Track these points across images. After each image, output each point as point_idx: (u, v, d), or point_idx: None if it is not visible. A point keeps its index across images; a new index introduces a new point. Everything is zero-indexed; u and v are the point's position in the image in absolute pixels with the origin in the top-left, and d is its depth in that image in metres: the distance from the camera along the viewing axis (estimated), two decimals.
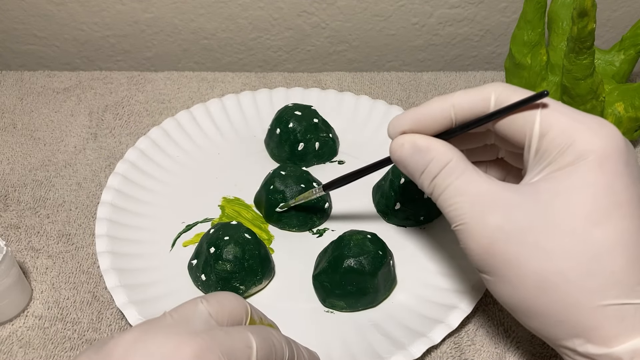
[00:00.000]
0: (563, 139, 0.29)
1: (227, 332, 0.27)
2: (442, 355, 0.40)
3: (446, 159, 0.31)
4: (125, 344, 0.26)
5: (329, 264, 0.40)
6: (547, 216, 0.29)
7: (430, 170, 0.32)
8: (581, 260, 0.28)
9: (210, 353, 0.25)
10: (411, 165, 0.33)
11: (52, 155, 0.52)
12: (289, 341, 0.31)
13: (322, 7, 0.61)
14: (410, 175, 0.33)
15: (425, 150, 0.32)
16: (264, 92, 0.55)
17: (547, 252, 0.28)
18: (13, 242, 0.45)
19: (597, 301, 0.28)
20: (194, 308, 0.28)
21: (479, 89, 0.32)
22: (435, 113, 0.32)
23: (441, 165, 0.31)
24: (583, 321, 0.28)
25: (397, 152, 0.33)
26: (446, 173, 0.31)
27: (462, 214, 0.30)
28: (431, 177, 0.32)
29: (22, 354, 0.39)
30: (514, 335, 0.41)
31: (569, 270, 0.28)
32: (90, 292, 0.43)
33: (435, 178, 0.31)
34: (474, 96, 0.32)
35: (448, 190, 0.31)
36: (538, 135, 0.30)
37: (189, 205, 0.47)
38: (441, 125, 0.33)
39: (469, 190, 0.30)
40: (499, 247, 0.29)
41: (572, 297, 0.28)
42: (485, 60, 0.67)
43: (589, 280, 0.28)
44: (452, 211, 0.31)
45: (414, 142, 0.32)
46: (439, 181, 0.31)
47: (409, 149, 0.32)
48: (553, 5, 0.53)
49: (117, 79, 0.59)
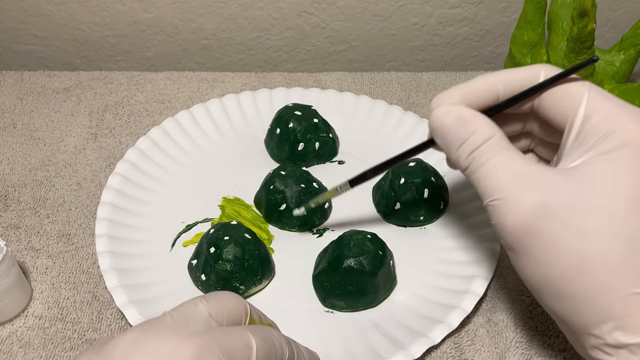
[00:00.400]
0: (607, 125, 0.29)
1: (227, 332, 0.27)
2: (442, 355, 0.40)
3: (489, 134, 0.31)
4: (125, 344, 0.26)
5: (329, 264, 0.40)
6: (589, 198, 0.28)
7: (471, 143, 0.31)
8: (621, 245, 0.28)
9: (210, 353, 0.25)
10: (451, 134, 0.32)
11: (52, 155, 0.52)
12: (289, 341, 0.31)
13: (322, 7, 0.61)
14: (447, 146, 0.32)
15: (469, 121, 0.31)
16: (264, 92, 0.55)
17: (588, 233, 0.28)
18: (13, 242, 0.45)
19: (632, 288, 0.28)
20: (193, 308, 0.28)
21: (527, 67, 0.32)
22: (482, 87, 0.32)
23: (483, 139, 0.31)
24: (615, 307, 0.28)
25: (440, 119, 0.32)
26: (487, 147, 0.30)
27: (502, 188, 0.30)
28: (471, 149, 0.31)
29: (22, 354, 0.39)
30: (514, 335, 0.41)
31: (608, 253, 0.28)
32: (90, 292, 0.43)
33: (475, 150, 0.31)
34: (522, 72, 0.32)
35: (488, 164, 0.30)
36: (582, 118, 0.30)
37: (189, 205, 0.47)
38: (487, 100, 0.32)
39: (510, 166, 0.30)
40: (539, 225, 0.29)
41: (608, 281, 0.28)
42: (485, 60, 0.67)
43: (626, 266, 0.28)
44: (489, 185, 0.30)
45: (459, 112, 0.31)
46: (479, 154, 0.31)
47: (453, 118, 0.31)
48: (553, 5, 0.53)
49: (117, 79, 0.59)
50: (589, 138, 0.29)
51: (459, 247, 0.45)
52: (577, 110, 0.30)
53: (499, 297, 0.43)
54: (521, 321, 0.42)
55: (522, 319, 0.42)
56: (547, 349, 0.40)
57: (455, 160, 0.32)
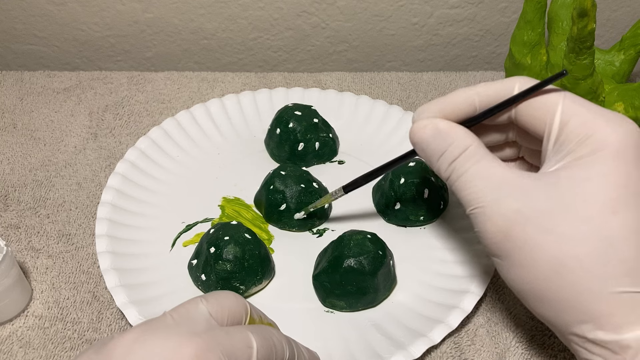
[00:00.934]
0: (583, 130, 0.30)
1: (228, 332, 0.27)
2: (442, 355, 0.40)
3: (466, 144, 0.32)
4: (125, 344, 0.26)
5: (329, 264, 0.40)
6: (565, 202, 0.29)
7: (450, 154, 0.32)
8: (597, 246, 0.28)
9: (211, 353, 0.25)
10: (431, 147, 0.33)
11: (52, 155, 0.52)
12: (289, 340, 0.31)
13: (322, 7, 0.61)
14: (428, 159, 0.34)
15: (446, 133, 0.32)
16: (264, 92, 0.55)
17: (564, 237, 0.29)
18: (13, 242, 0.45)
19: (610, 288, 0.28)
20: (194, 308, 0.28)
21: (503, 80, 0.33)
22: (459, 100, 0.33)
23: (461, 150, 0.32)
24: (595, 307, 0.28)
25: (418, 134, 0.33)
26: (465, 157, 0.31)
27: (480, 197, 0.31)
28: (450, 160, 0.32)
29: (22, 354, 0.39)
30: (514, 335, 0.41)
31: (584, 255, 0.28)
32: (90, 292, 0.43)
33: (454, 161, 0.32)
34: (498, 85, 0.33)
35: (467, 174, 0.31)
36: (559, 125, 0.30)
37: (189, 205, 0.47)
38: (464, 112, 0.33)
39: (488, 174, 0.31)
40: (516, 230, 0.30)
41: (586, 282, 0.28)
42: (485, 60, 0.67)
43: (603, 266, 0.28)
44: (469, 194, 0.31)
45: (436, 125, 0.33)
46: (457, 165, 0.32)
47: (430, 131, 0.33)
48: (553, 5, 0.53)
49: (117, 79, 0.59)
50: (566, 144, 0.30)
51: (458, 247, 0.45)
52: (553, 118, 0.31)
53: (499, 297, 0.43)
54: (521, 321, 0.42)
55: (522, 319, 0.42)
56: (547, 349, 0.40)
57: (437, 171, 0.33)
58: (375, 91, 0.59)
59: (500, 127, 0.36)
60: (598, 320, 0.28)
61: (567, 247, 0.29)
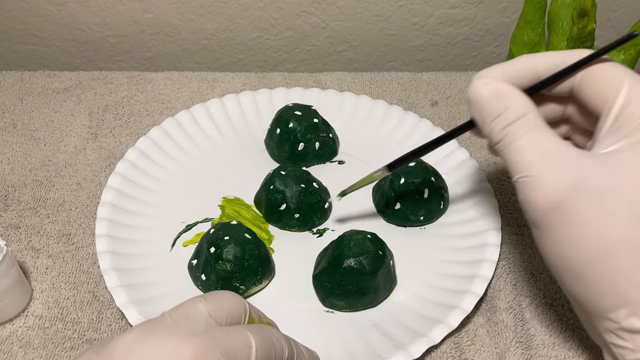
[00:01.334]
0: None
1: (227, 332, 0.27)
2: (442, 355, 0.40)
3: (525, 110, 0.31)
4: (125, 344, 0.26)
5: (329, 264, 0.40)
6: (618, 184, 0.28)
7: (507, 117, 0.31)
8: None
9: (210, 353, 0.25)
10: (488, 107, 0.32)
11: (52, 155, 0.52)
12: (288, 340, 0.31)
13: (322, 7, 0.61)
14: (482, 119, 0.32)
15: (507, 95, 0.31)
16: (264, 92, 0.55)
17: (616, 218, 0.28)
18: (13, 242, 0.45)
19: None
20: (193, 308, 0.28)
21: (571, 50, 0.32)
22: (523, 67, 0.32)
23: (519, 114, 0.30)
24: (633, 293, 0.28)
25: (478, 90, 0.32)
26: (521, 123, 0.30)
27: (533, 165, 0.30)
28: (506, 123, 0.31)
29: (22, 353, 0.39)
30: (514, 335, 0.41)
31: (630, 240, 0.28)
32: (90, 292, 0.43)
33: (510, 125, 0.31)
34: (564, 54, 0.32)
35: (522, 140, 0.30)
36: (620, 105, 0.30)
37: (189, 205, 0.47)
38: (528, 78, 0.32)
39: (543, 144, 0.30)
40: (566, 205, 0.29)
41: (628, 267, 0.28)
42: (485, 60, 0.67)
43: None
44: (520, 161, 0.30)
45: (497, 86, 0.32)
46: (513, 129, 0.30)
47: (491, 90, 0.31)
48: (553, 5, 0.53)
49: (117, 79, 0.59)
50: (624, 126, 0.29)
51: (458, 247, 0.45)
52: (616, 97, 0.30)
53: (499, 297, 0.43)
54: (521, 321, 0.42)
55: (522, 319, 0.42)
56: (547, 348, 0.40)
57: (488, 133, 0.32)
58: (375, 91, 0.59)
59: (559, 99, 0.35)
60: (634, 307, 0.28)
61: (615, 229, 0.28)
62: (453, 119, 0.56)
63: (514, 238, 0.47)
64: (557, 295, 0.43)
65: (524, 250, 0.46)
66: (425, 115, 0.56)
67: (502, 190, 0.50)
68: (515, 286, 0.44)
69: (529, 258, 0.45)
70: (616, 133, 0.30)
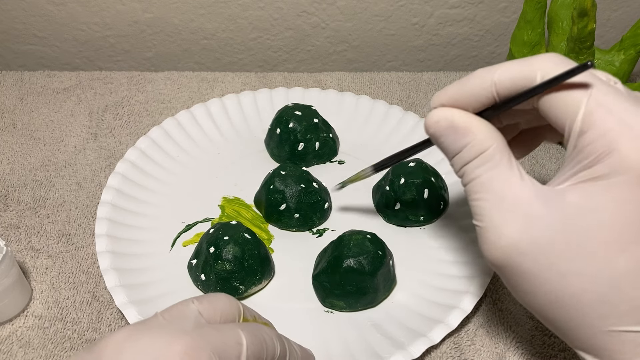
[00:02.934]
0: (602, 144, 0.26)
1: (218, 330, 0.27)
2: (441, 355, 0.40)
3: (483, 147, 0.28)
4: (115, 343, 0.26)
5: (329, 264, 0.40)
6: (568, 235, 0.27)
7: (463, 156, 0.29)
8: (599, 286, 0.26)
9: (201, 350, 0.25)
10: (445, 144, 0.30)
11: (52, 155, 0.52)
12: (280, 338, 0.30)
13: (322, 7, 0.61)
14: (443, 152, 0.31)
15: (463, 131, 0.29)
16: (264, 92, 0.55)
17: (563, 275, 0.27)
18: (13, 242, 0.45)
19: (612, 326, 0.27)
20: (184, 308, 0.28)
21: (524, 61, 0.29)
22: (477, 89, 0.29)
23: (476, 153, 0.29)
24: (595, 342, 0.27)
25: (432, 128, 0.30)
26: (478, 162, 0.29)
27: (482, 215, 0.29)
28: (462, 163, 0.29)
29: (22, 353, 0.39)
30: (514, 335, 0.41)
31: (583, 294, 0.27)
32: (90, 292, 0.43)
33: (466, 165, 0.29)
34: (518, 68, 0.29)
35: (474, 183, 0.29)
36: (577, 133, 0.27)
37: (189, 205, 0.47)
38: (483, 104, 0.30)
39: (494, 189, 0.28)
40: (512, 261, 0.28)
41: (585, 319, 0.27)
42: (485, 60, 0.67)
43: (604, 306, 0.27)
44: (473, 207, 0.29)
45: (452, 120, 0.29)
46: (468, 170, 0.29)
47: (445, 126, 0.29)
48: (553, 5, 0.53)
49: (117, 79, 0.59)
50: (582, 156, 0.27)
51: (458, 247, 0.45)
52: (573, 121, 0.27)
53: (498, 297, 0.43)
54: (521, 321, 0.42)
55: (522, 319, 0.42)
56: (547, 348, 0.40)
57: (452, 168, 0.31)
58: (375, 91, 0.59)
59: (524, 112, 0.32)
60: (601, 354, 0.28)
61: (564, 285, 0.27)
62: None
63: None
64: None
65: None
66: (425, 115, 0.56)
67: None
68: None
69: None
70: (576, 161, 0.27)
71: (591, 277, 0.27)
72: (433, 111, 0.30)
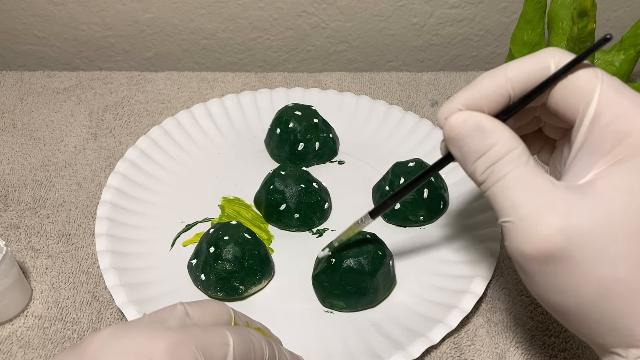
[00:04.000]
0: (620, 125, 0.26)
1: (203, 329, 0.27)
2: (441, 355, 0.40)
3: (511, 146, 0.28)
4: (99, 340, 0.26)
5: (329, 264, 0.40)
6: (610, 218, 0.26)
7: (491, 155, 0.28)
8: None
9: (184, 347, 0.25)
10: (469, 145, 0.29)
11: (52, 155, 0.52)
12: (270, 342, 0.30)
13: (322, 7, 0.61)
14: (462, 157, 0.29)
15: (490, 132, 0.28)
16: (264, 92, 0.55)
17: (612, 257, 0.26)
18: (13, 242, 0.45)
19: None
20: (172, 309, 0.28)
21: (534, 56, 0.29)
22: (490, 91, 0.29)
23: (505, 152, 0.28)
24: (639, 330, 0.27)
25: (458, 128, 0.29)
26: (507, 160, 0.28)
27: (519, 208, 0.27)
28: (490, 162, 0.28)
29: (22, 353, 0.39)
30: (514, 335, 0.41)
31: (630, 278, 0.26)
32: (90, 292, 0.43)
33: (494, 164, 0.28)
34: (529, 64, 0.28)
35: (506, 179, 0.27)
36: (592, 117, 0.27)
37: (189, 205, 0.47)
38: (498, 103, 0.29)
39: (530, 183, 0.27)
40: (559, 252, 0.26)
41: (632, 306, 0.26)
42: (485, 60, 0.67)
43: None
44: (505, 202, 0.27)
45: (479, 122, 0.28)
46: (498, 168, 0.28)
47: (472, 127, 0.28)
48: (553, 5, 0.53)
49: (117, 79, 0.59)
50: (599, 141, 0.27)
51: (458, 247, 0.45)
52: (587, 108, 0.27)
53: (498, 297, 0.43)
54: (521, 321, 0.42)
55: (522, 319, 0.42)
56: (547, 349, 0.40)
57: (471, 173, 0.29)
58: (375, 91, 0.59)
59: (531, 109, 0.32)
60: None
61: (612, 270, 0.26)
62: None
63: None
64: None
65: None
66: (425, 115, 0.56)
67: None
68: (515, 286, 0.44)
69: None
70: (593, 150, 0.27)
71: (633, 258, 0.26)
72: (457, 113, 0.29)
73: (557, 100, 0.28)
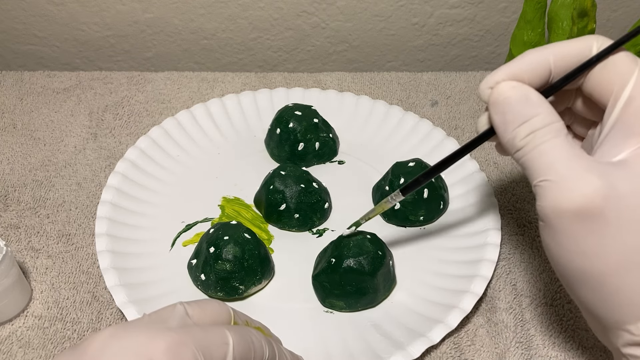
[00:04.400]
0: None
1: (203, 329, 0.27)
2: (441, 355, 0.40)
3: (553, 119, 0.29)
4: (100, 341, 0.26)
5: (329, 264, 0.40)
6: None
7: (534, 123, 0.29)
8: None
9: (185, 347, 0.25)
10: (514, 111, 0.29)
11: (52, 155, 0.52)
12: (270, 342, 0.30)
13: (322, 7, 0.61)
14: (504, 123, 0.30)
15: (536, 103, 0.29)
16: (265, 92, 0.55)
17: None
18: (13, 242, 0.45)
19: None
20: (172, 309, 0.28)
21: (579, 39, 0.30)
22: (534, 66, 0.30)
23: (547, 122, 0.29)
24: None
25: (507, 93, 0.30)
26: (549, 129, 0.28)
27: (559, 167, 0.28)
28: (531, 129, 0.29)
29: (22, 353, 0.39)
30: (514, 335, 0.41)
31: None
32: (90, 292, 0.43)
33: (536, 131, 0.29)
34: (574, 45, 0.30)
35: (547, 144, 0.28)
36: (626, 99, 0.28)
37: (189, 205, 0.47)
38: (540, 78, 0.30)
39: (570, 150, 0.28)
40: (594, 212, 0.27)
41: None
42: (485, 60, 0.67)
43: None
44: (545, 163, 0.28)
45: (526, 92, 0.29)
46: (540, 134, 0.28)
47: (519, 95, 0.29)
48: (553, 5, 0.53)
49: (117, 79, 0.59)
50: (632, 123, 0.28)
51: (458, 247, 0.45)
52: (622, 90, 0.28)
53: (498, 297, 0.43)
54: (521, 321, 0.42)
55: (522, 319, 0.42)
56: (547, 349, 0.40)
57: (510, 139, 0.30)
58: (375, 91, 0.59)
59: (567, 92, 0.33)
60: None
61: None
62: (453, 119, 0.56)
63: (513, 238, 0.47)
64: (557, 295, 0.43)
65: (524, 250, 0.46)
66: (425, 115, 0.56)
67: (502, 190, 0.50)
68: (515, 286, 0.44)
69: (529, 258, 0.45)
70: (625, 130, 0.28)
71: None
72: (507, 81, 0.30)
73: (594, 82, 0.30)
